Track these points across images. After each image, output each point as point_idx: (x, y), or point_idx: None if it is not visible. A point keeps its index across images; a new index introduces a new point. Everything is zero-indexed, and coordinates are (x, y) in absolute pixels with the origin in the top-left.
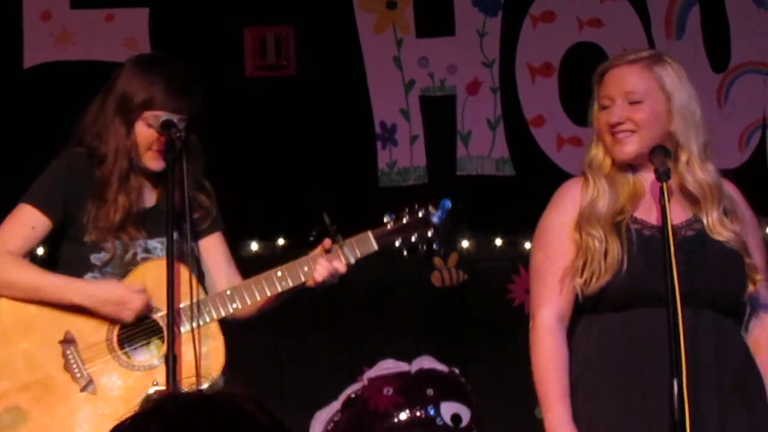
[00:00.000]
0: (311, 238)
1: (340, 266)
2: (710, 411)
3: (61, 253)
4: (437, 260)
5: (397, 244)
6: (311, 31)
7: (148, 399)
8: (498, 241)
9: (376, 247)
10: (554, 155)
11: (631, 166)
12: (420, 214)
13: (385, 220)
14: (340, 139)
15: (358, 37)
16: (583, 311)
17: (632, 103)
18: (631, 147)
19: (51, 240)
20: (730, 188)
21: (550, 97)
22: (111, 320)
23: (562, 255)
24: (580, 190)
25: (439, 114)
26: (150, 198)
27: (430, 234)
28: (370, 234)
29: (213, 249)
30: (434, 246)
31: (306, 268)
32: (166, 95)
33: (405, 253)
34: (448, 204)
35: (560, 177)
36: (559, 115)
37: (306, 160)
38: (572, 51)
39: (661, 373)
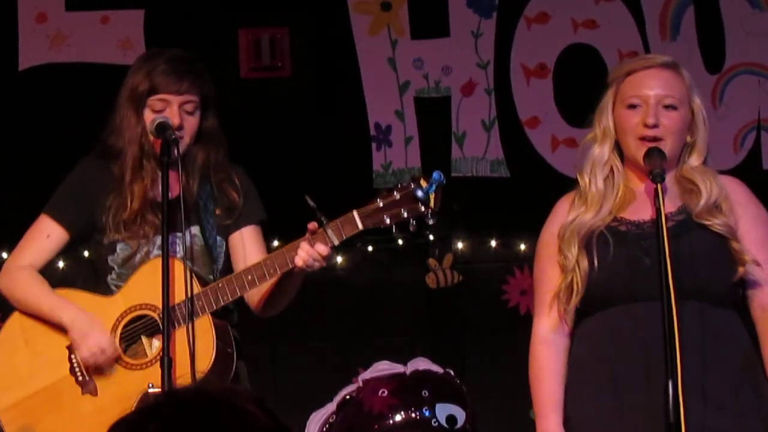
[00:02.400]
0: (312, 204)
1: (323, 249)
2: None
3: (91, 257)
4: (432, 261)
5: (387, 221)
6: (306, 32)
7: (145, 398)
8: (493, 243)
9: (361, 226)
10: (549, 156)
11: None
12: (410, 189)
13: (377, 199)
14: (334, 141)
15: (352, 38)
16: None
17: (666, 107)
18: None
19: (85, 246)
20: (735, 187)
21: (545, 98)
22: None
23: (552, 267)
24: (569, 206)
25: (433, 115)
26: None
27: (422, 209)
28: (355, 213)
29: (237, 245)
30: (428, 221)
31: (293, 253)
32: (167, 78)
33: (394, 230)
34: (438, 176)
35: (555, 178)
36: (553, 117)
37: (300, 162)
38: (567, 52)
39: (636, 369)
